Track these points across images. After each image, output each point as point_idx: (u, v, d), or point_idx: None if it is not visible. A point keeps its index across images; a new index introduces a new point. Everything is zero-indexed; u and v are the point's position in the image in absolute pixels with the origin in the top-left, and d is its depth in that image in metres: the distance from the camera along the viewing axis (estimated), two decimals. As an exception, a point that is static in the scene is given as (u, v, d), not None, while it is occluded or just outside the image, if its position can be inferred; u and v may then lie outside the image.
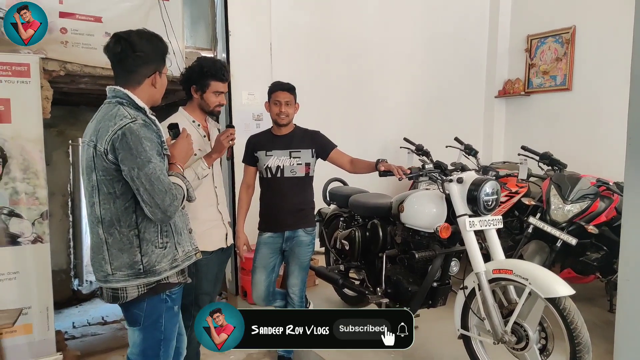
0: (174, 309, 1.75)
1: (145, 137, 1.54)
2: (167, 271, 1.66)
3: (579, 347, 1.90)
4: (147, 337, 1.70)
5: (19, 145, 2.77)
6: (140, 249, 1.61)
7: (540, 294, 1.96)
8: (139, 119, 1.57)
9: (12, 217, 2.78)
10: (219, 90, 2.27)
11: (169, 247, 1.67)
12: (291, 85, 2.60)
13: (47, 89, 2.94)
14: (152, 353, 1.72)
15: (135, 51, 1.62)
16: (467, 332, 2.32)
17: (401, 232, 2.66)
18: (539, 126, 4.93)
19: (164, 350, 1.73)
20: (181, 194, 1.62)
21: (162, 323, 1.70)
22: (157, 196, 1.53)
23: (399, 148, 4.50)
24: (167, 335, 1.73)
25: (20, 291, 2.80)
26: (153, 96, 1.71)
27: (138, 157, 1.52)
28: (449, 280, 2.56)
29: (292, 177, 2.58)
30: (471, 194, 2.22)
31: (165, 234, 1.66)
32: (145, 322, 1.68)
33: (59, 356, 2.94)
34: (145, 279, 1.62)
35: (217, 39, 3.90)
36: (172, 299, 1.73)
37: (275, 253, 2.66)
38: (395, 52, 4.79)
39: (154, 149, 1.56)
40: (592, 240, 2.92)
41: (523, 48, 5.06)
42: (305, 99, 4.07)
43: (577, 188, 2.91)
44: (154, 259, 1.62)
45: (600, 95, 4.34)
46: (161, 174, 1.55)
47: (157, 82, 1.69)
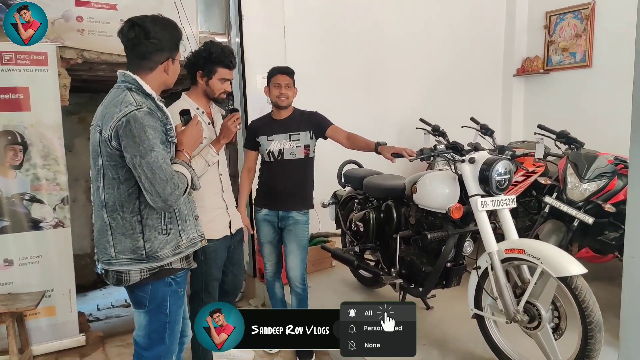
0: (179, 292, 1.76)
1: (149, 126, 1.54)
2: (170, 257, 1.67)
3: (591, 326, 1.90)
4: (153, 320, 1.72)
5: (38, 132, 2.84)
6: (142, 235, 1.62)
7: (551, 273, 1.97)
8: (144, 107, 1.56)
9: (34, 202, 2.87)
10: (226, 77, 2.24)
11: (173, 233, 1.67)
12: (290, 68, 2.63)
13: (64, 77, 2.99)
14: (157, 336, 1.74)
15: (149, 38, 1.61)
16: (481, 312, 2.34)
17: (415, 213, 2.68)
18: (559, 104, 4.83)
19: (169, 333, 1.75)
20: (184, 182, 1.62)
21: (167, 306, 1.72)
22: (157, 185, 1.53)
23: (415, 129, 4.47)
24: (172, 318, 1.75)
25: (43, 274, 2.90)
26: (165, 82, 1.72)
27: (141, 145, 1.52)
28: (462, 261, 2.57)
29: (292, 159, 2.61)
30: (483, 174, 2.22)
31: (169, 221, 1.67)
32: (150, 305, 1.71)
33: (81, 337, 3.03)
34: (148, 264, 1.63)
35: (231, 23, 3.90)
36: (177, 282, 1.74)
37: (274, 229, 2.72)
38: (411, 32, 4.73)
39: (157, 138, 1.55)
40: (610, 219, 2.88)
41: (542, 25, 4.93)
42: (319, 81, 4.10)
43: (594, 166, 2.87)
44: (156, 245, 1.63)
45: (620, 72, 4.21)
46: (163, 163, 1.55)
47: (169, 69, 1.69)
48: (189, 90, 2.33)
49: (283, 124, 2.66)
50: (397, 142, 4.15)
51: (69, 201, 2.99)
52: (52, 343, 2.95)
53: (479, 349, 2.44)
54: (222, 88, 2.25)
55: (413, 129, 4.51)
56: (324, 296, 3.35)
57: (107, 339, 3.20)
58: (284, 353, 2.87)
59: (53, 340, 2.96)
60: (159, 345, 1.74)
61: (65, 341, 2.99)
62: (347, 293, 3.41)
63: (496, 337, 2.33)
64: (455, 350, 2.50)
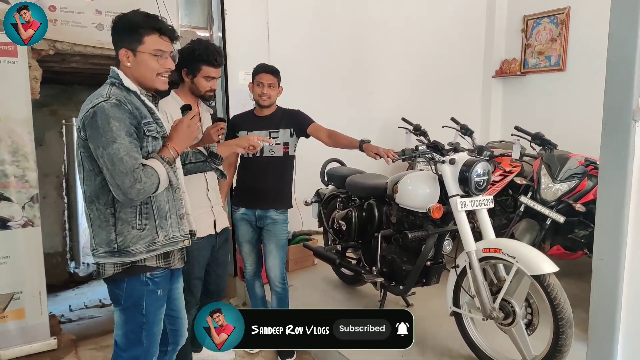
0: (157, 293, 1.70)
1: (114, 117, 1.52)
2: (144, 254, 1.62)
3: (562, 322, 1.98)
4: (129, 319, 1.69)
5: (7, 127, 2.69)
6: (115, 228, 1.60)
7: (526, 271, 2.04)
8: (112, 99, 1.55)
9: (2, 200, 2.72)
10: (211, 75, 2.23)
11: (148, 229, 1.63)
12: (275, 68, 2.62)
13: (35, 68, 2.85)
14: (134, 337, 1.70)
15: (112, 31, 1.65)
16: (459, 309, 2.41)
17: (396, 212, 2.72)
18: (535, 106, 4.97)
19: (146, 335, 1.70)
20: (152, 177, 1.56)
21: (144, 306, 1.67)
22: (117, 177, 1.51)
23: (397, 128, 4.53)
24: (149, 319, 1.69)
25: (11, 276, 2.77)
26: (134, 76, 1.65)
27: (103, 137, 1.51)
28: (442, 259, 2.63)
29: (271, 157, 2.61)
30: (463, 175, 2.27)
31: (145, 216, 1.63)
32: (125, 303, 1.68)
33: (53, 341, 2.91)
34: (120, 258, 1.61)
35: (213, 17, 3.86)
36: (155, 282, 1.68)
37: (253, 228, 2.71)
38: (394, 33, 4.77)
39: (122, 130, 1.52)
40: (580, 218, 3.00)
41: (519, 28, 5.05)
42: (302, 78, 4.11)
43: (565, 167, 2.98)
44: (129, 239, 1.60)
45: (592, 76, 4.35)
46: (125, 155, 1.51)
47: (130, 60, 1.63)
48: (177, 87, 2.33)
49: (264, 121, 2.65)
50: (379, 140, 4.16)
51: (39, 199, 2.85)
52: (21, 347, 2.83)
53: (457, 345, 2.51)
54: (207, 86, 2.25)
55: (395, 128, 4.56)
56: (306, 294, 3.38)
57: (79, 342, 3.10)
58: (265, 353, 2.89)
59: (23, 344, 2.83)
60: (136, 346, 1.70)
61: (35, 345, 2.86)
62: (329, 291, 3.45)
63: (473, 333, 2.40)
64: (434, 347, 2.56)
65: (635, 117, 1.21)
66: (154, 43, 1.63)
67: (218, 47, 2.35)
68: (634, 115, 1.21)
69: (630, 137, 1.21)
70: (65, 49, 3.03)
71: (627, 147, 1.21)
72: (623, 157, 1.22)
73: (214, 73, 2.24)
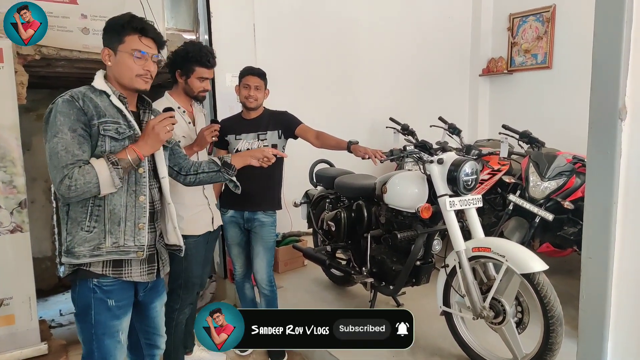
0: (107, 303, 1.60)
1: (61, 112, 1.50)
2: (87, 257, 1.56)
3: (552, 320, 1.99)
4: (81, 328, 1.64)
5: None
6: (67, 227, 1.58)
7: (515, 270, 2.04)
8: (66, 95, 1.55)
9: None
10: (204, 76, 2.28)
11: (95, 232, 1.56)
12: (262, 70, 2.62)
13: (21, 73, 2.85)
14: (88, 347, 1.64)
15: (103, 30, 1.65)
16: (449, 309, 2.41)
17: (385, 212, 2.72)
18: (522, 104, 5.00)
19: (97, 346, 1.61)
20: (89, 176, 1.48)
21: (92, 315, 1.60)
22: (51, 171, 1.50)
23: (385, 128, 4.53)
24: (99, 330, 1.61)
25: (0, 282, 2.76)
26: (116, 76, 1.63)
27: (49, 130, 1.52)
28: (431, 259, 2.63)
29: None
30: (451, 175, 2.27)
31: (95, 219, 1.57)
32: (76, 309, 1.64)
33: (43, 346, 2.90)
34: (67, 258, 1.57)
35: (199, 20, 3.83)
36: (104, 291, 1.60)
37: (241, 230, 2.71)
38: (381, 32, 4.78)
39: (66, 125, 1.49)
40: (569, 215, 3.01)
41: (506, 27, 5.08)
42: (290, 80, 4.09)
43: (553, 165, 2.99)
44: (76, 240, 1.56)
45: (578, 73, 4.39)
46: (62, 150, 1.47)
47: (111, 59, 1.62)
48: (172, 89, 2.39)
49: (252, 124, 2.65)
50: (367, 141, 4.18)
51: (27, 204, 2.85)
52: (11, 353, 2.81)
53: (447, 344, 2.50)
54: (200, 87, 2.30)
55: (383, 128, 4.57)
56: (296, 295, 3.36)
57: (70, 347, 3.07)
58: (255, 355, 2.87)
59: (13, 349, 2.81)
60: (90, 357, 1.64)
61: (25, 350, 2.84)
62: (319, 292, 3.43)
63: (463, 333, 2.40)
64: (425, 346, 2.56)
65: (621, 115, 1.21)
66: (133, 43, 1.61)
67: (211, 48, 2.41)
68: (620, 114, 1.20)
69: (617, 135, 1.21)
70: (51, 54, 3.02)
71: (613, 146, 1.21)
72: (610, 155, 1.22)
73: (207, 74, 2.29)
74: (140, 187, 1.64)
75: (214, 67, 2.32)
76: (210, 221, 2.43)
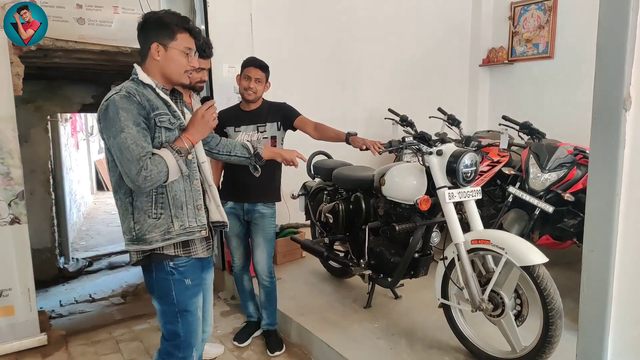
0: (185, 282, 1.74)
1: (123, 108, 1.57)
2: (159, 242, 1.68)
3: (552, 313, 1.97)
4: (163, 309, 1.76)
5: None
6: (133, 216, 1.67)
7: (515, 262, 2.02)
8: (122, 91, 1.61)
9: None
10: (200, 66, 2.27)
11: (163, 218, 1.68)
12: (265, 63, 2.60)
13: (17, 65, 2.83)
14: (171, 327, 1.76)
15: (142, 27, 1.71)
16: (447, 301, 2.39)
17: (383, 204, 2.69)
18: (523, 94, 4.95)
19: (182, 323, 1.75)
20: (160, 166, 1.59)
21: (173, 296, 1.73)
22: (125, 165, 1.57)
23: (384, 119, 4.49)
24: (182, 307, 1.74)
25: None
26: (162, 70, 1.71)
27: (113, 127, 1.58)
28: (430, 251, 2.61)
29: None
30: (450, 166, 2.24)
31: (160, 205, 1.68)
32: (157, 292, 1.75)
33: (43, 337, 2.94)
34: (138, 246, 1.68)
35: (195, 9, 3.78)
36: (180, 272, 1.73)
37: (241, 222, 2.71)
38: (379, 22, 4.72)
39: (129, 120, 1.58)
40: (569, 207, 2.99)
41: (507, 16, 5.02)
42: (287, 70, 4.04)
43: (554, 157, 2.96)
44: (145, 227, 1.66)
45: (580, 63, 4.36)
46: (132, 144, 1.56)
47: (160, 54, 1.69)
48: None
49: (251, 116, 2.63)
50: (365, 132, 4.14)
51: (24, 196, 2.87)
52: (11, 344, 2.85)
53: (445, 336, 2.49)
54: (197, 77, 2.31)
55: (381, 119, 4.53)
56: (294, 287, 3.35)
57: (70, 337, 3.11)
58: (254, 346, 2.86)
59: (12, 340, 2.86)
60: (175, 337, 1.77)
61: (25, 341, 2.89)
62: (317, 284, 3.42)
63: (462, 325, 2.38)
64: (423, 339, 2.55)
65: (625, 105, 1.17)
66: (186, 41, 1.71)
67: (207, 39, 2.39)
68: (625, 104, 1.17)
69: (621, 126, 1.18)
70: (47, 45, 3.01)
71: (617, 137, 1.18)
72: (614, 147, 1.18)
73: (203, 64, 2.30)
74: (192, 172, 1.76)
75: (210, 57, 2.32)
76: None
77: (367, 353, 2.43)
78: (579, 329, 1.39)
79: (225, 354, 2.78)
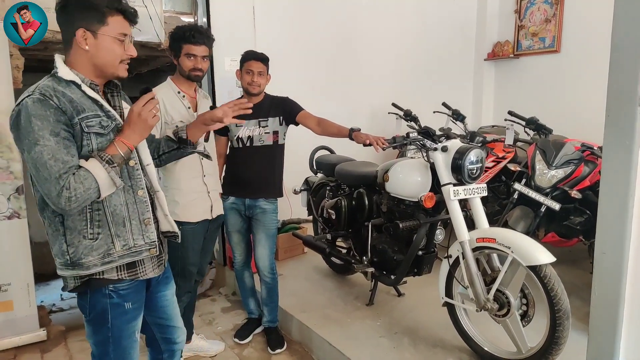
0: (124, 306, 1.50)
1: (35, 115, 1.29)
2: (98, 266, 1.42)
3: (559, 314, 1.93)
4: (96, 331, 1.52)
5: None
6: (65, 238, 1.41)
7: (521, 262, 1.98)
8: (36, 93, 1.32)
9: None
10: (192, 52, 2.24)
11: (101, 238, 1.42)
12: (265, 56, 2.57)
13: (17, 57, 2.82)
14: (102, 349, 1.53)
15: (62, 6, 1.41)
16: (451, 300, 2.35)
17: (386, 201, 2.65)
18: (528, 89, 4.88)
19: (114, 348, 1.52)
20: (88, 182, 1.32)
21: (109, 320, 1.49)
22: (42, 185, 1.31)
23: (387, 114, 4.44)
24: (115, 334, 1.50)
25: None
26: (93, 62, 1.42)
27: (26, 139, 1.30)
28: (434, 249, 2.57)
29: (261, 146, 2.59)
30: (455, 163, 2.20)
31: (97, 224, 1.42)
32: (90, 315, 1.51)
33: (42, 332, 2.93)
34: (74, 271, 1.42)
35: (197, 2, 3.73)
36: (121, 295, 1.49)
37: (242, 217, 2.69)
38: (383, 15, 4.65)
39: (45, 129, 1.29)
40: (576, 205, 2.94)
41: (512, 9, 4.93)
42: (289, 64, 3.99)
43: (561, 153, 2.90)
44: (80, 250, 1.40)
45: (588, 58, 4.28)
46: (50, 159, 1.29)
47: (88, 43, 1.39)
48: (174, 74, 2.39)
49: (253, 110, 2.56)
50: (369, 127, 4.10)
51: (24, 190, 2.84)
52: (10, 339, 2.84)
53: (449, 335, 2.46)
54: (190, 65, 2.27)
55: (385, 113, 4.48)
56: (296, 283, 3.32)
57: (69, 333, 3.10)
58: (254, 343, 2.84)
59: (11, 335, 2.85)
60: (105, 358, 1.55)
61: (24, 336, 2.88)
62: (319, 280, 3.39)
63: (466, 324, 2.35)
64: (426, 337, 2.52)
65: (641, 102, 1.12)
66: (119, 26, 1.43)
67: (201, 26, 2.36)
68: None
69: (636, 123, 1.13)
70: (48, 37, 2.95)
71: (632, 135, 1.13)
72: (628, 145, 1.14)
73: (194, 50, 2.25)
74: (135, 180, 1.50)
75: (202, 44, 2.25)
76: (208, 209, 2.40)
77: (369, 351, 2.40)
78: (589, 332, 1.35)
79: (226, 351, 2.76)
